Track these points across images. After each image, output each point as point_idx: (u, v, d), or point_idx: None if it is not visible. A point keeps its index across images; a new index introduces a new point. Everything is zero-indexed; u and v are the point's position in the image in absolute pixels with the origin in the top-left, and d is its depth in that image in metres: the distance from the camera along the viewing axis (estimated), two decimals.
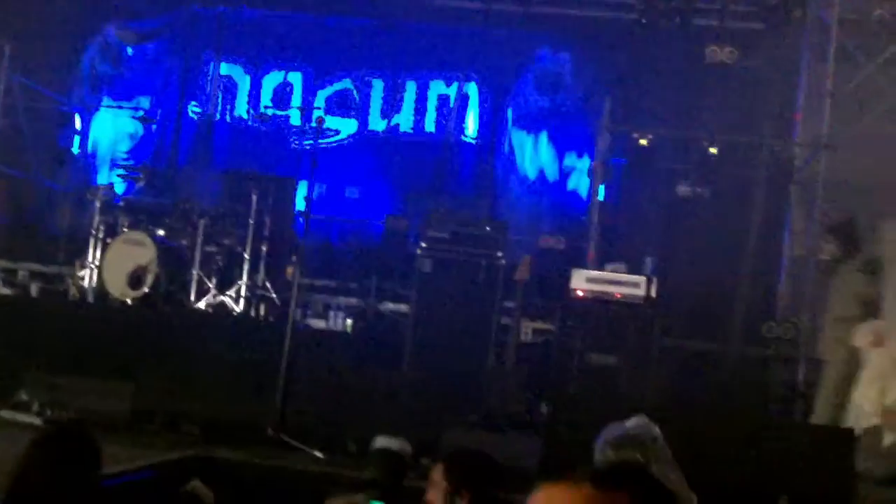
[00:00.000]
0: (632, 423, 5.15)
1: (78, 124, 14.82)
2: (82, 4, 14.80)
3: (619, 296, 10.90)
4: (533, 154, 14.09)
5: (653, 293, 10.92)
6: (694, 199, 12.77)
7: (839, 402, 9.54)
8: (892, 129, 11.86)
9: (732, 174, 12.79)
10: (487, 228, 11.61)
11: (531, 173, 14.08)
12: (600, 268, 11.50)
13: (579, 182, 13.86)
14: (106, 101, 14.94)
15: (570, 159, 14.00)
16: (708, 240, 12.65)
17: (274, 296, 11.94)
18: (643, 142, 12.86)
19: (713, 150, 12.72)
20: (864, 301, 9.74)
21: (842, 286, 10.07)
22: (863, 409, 9.23)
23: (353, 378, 9.48)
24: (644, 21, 13.00)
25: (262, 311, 11.98)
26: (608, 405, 8.69)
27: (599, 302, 10.92)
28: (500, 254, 11.37)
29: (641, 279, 10.97)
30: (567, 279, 11.16)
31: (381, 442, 6.28)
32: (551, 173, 14.00)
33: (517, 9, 13.44)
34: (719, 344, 12.18)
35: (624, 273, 11.12)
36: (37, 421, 7.98)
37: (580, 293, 10.95)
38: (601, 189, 12.87)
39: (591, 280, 11.01)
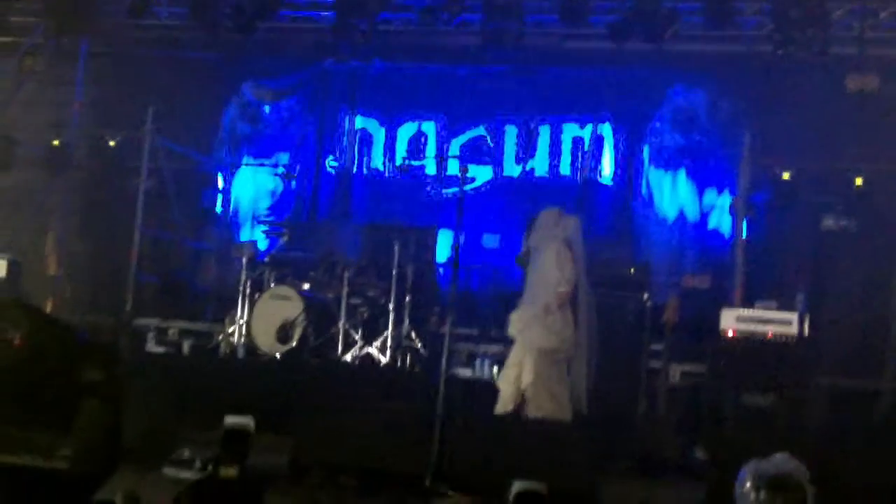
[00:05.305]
0: (780, 461, 4.95)
1: (220, 183, 15.15)
2: (219, 66, 15.14)
3: (771, 335, 10.65)
4: (671, 193, 13.92)
5: (806, 331, 10.65)
6: (840, 232, 12.48)
7: None
8: None
9: (879, 204, 12.47)
10: (631, 271, 11.48)
11: (670, 213, 13.88)
12: (747, 306, 11.24)
13: (720, 219, 13.60)
14: (246, 159, 15.24)
15: (710, 197, 13.76)
16: (857, 273, 12.38)
17: (419, 346, 11.98)
18: (785, 176, 12.65)
19: (858, 181, 12.46)
20: None
21: None
22: (504, 394, 9.61)
23: (504, 426, 9.44)
24: (781, 52, 12.74)
25: (408, 362, 12.01)
26: (766, 447, 8.47)
27: (751, 341, 10.67)
28: (645, 296, 11.23)
29: (794, 316, 10.70)
30: (714, 319, 10.95)
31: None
32: (691, 212, 13.79)
33: (649, 47, 13.27)
34: (874, 381, 11.81)
35: (775, 311, 10.85)
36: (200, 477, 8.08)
37: (731, 333, 10.72)
38: (744, 225, 12.65)
39: (741, 319, 10.76)
